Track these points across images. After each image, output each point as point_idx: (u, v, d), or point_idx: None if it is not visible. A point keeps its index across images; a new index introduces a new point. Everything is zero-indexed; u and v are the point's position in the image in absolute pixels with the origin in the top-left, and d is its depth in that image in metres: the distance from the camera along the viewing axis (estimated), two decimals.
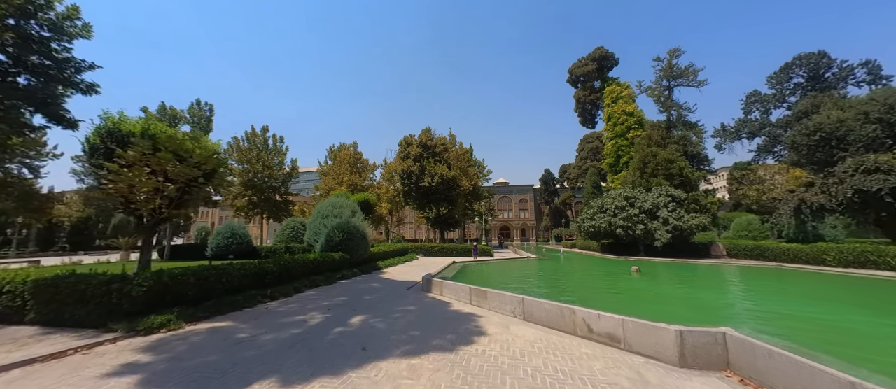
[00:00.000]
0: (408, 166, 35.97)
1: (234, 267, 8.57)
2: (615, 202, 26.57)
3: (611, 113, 40.72)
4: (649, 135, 29.78)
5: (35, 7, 12.44)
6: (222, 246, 24.99)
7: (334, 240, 14.78)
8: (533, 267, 20.66)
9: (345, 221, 15.54)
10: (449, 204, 35.58)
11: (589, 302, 10.32)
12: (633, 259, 24.55)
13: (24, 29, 12.48)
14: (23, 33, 12.48)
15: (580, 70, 45.57)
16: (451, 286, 10.23)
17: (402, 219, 64.34)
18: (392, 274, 15.44)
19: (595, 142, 72.97)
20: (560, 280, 14.91)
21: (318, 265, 12.47)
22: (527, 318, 7.60)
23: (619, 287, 12.86)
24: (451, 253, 28.25)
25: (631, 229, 25.13)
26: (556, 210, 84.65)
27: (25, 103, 12.32)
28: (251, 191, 36.35)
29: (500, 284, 13.81)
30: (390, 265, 18.94)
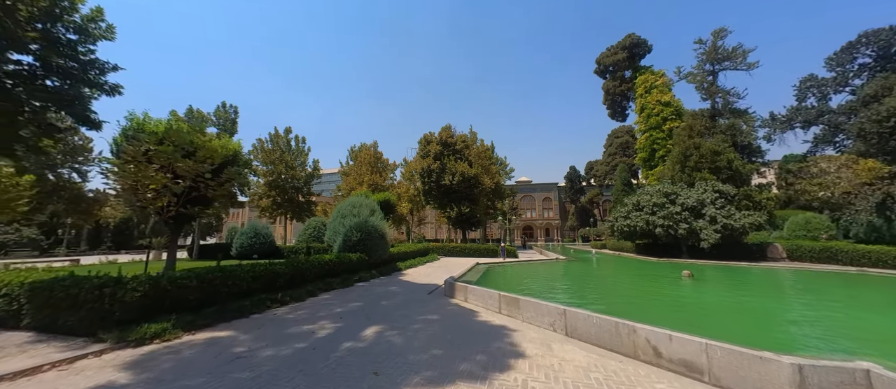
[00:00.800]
0: (428, 164, 35.15)
1: (242, 270, 7.91)
2: (653, 199, 24.32)
3: (644, 103, 37.88)
4: (690, 125, 27.09)
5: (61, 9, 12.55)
6: (246, 245, 25.27)
7: (352, 240, 14.08)
8: (563, 269, 19.09)
9: (363, 220, 14.82)
10: (470, 203, 34.41)
11: (639, 313, 8.87)
12: (676, 261, 22.29)
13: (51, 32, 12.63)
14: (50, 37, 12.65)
15: (609, 59, 42.86)
16: (477, 292, 9.11)
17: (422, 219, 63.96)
18: (412, 277, 14.54)
19: (625, 136, 69.04)
20: (598, 285, 13.36)
21: (335, 267, 11.75)
22: (570, 334, 6.35)
23: (672, 295, 11.19)
24: (473, 253, 27.09)
25: (672, 228, 22.84)
26: (582, 209, 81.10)
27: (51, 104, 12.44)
28: (275, 192, 36.92)
29: (530, 289, 12.52)
30: (411, 266, 18.09)
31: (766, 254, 22.30)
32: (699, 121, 26.72)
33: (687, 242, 22.90)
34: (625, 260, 24.60)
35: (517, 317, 7.63)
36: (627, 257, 27.93)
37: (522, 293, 11.04)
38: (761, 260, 22.08)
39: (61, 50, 13.19)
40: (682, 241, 23.43)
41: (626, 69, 43.01)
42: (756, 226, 21.61)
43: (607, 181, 71.10)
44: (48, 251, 37.76)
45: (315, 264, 10.66)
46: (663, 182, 27.11)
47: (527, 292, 11.52)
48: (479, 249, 27.27)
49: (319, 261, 10.95)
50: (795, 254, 20.95)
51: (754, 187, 23.56)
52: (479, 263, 18.10)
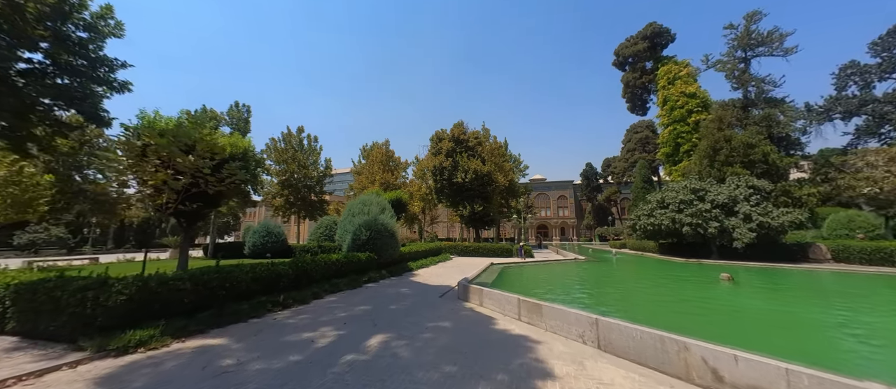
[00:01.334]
0: (440, 162, 34.46)
1: (242, 270, 7.40)
2: (680, 195, 22.80)
3: (667, 96, 35.92)
4: (720, 116, 25.27)
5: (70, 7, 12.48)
6: (258, 244, 25.26)
7: (361, 239, 13.52)
8: (584, 270, 18.00)
9: (372, 218, 14.24)
10: (483, 201, 33.51)
11: (680, 323, 7.87)
12: (706, 263, 20.80)
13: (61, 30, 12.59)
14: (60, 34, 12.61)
15: (629, 50, 40.94)
16: (493, 295, 8.32)
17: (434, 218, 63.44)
18: (424, 277, 13.86)
19: (644, 131, 66.42)
20: (626, 289, 12.30)
21: (342, 267, 11.19)
22: (604, 348, 5.49)
23: (713, 302, 10.04)
24: (487, 253, 26.22)
25: (701, 227, 21.31)
26: (599, 207, 78.75)
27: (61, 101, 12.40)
28: (288, 191, 37.06)
29: (551, 293, 11.62)
30: (422, 266, 17.43)
31: (807, 255, 20.49)
32: (729, 112, 24.87)
33: (718, 242, 21.32)
34: (649, 261, 23.20)
35: (540, 326, 6.81)
36: (650, 257, 26.42)
37: (543, 297, 10.17)
38: (802, 261, 20.31)
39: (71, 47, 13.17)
40: (712, 241, 21.85)
41: (647, 60, 40.96)
42: (796, 225, 19.86)
43: (626, 178, 68.61)
44: (75, 249, 39.22)
45: (321, 264, 10.12)
46: (690, 178, 25.46)
47: (548, 296, 10.64)
48: (493, 249, 26.38)
49: (326, 261, 10.40)
50: (842, 255, 19.13)
51: (793, 182, 21.67)
52: (494, 263, 17.27)
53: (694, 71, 35.30)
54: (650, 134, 66.73)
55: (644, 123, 68.86)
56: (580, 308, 6.75)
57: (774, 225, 19.42)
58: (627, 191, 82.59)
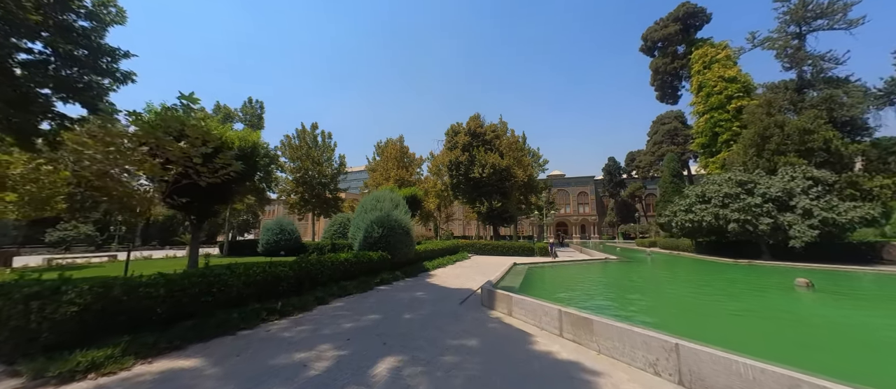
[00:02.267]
0: (456, 157, 33.15)
1: (233, 274, 6.37)
2: (724, 188, 20.50)
3: (702, 81, 33.00)
4: (769, 100, 22.56)
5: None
6: (271, 241, 24.83)
7: (372, 237, 12.42)
8: (620, 272, 16.25)
9: (384, 215, 13.12)
10: (502, 197, 31.95)
11: (788, 352, 6.18)
12: (759, 264, 18.54)
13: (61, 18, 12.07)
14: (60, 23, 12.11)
15: (658, 33, 38.03)
16: (526, 304, 6.95)
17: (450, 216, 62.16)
18: (441, 279, 12.62)
19: (672, 122, 62.48)
20: (678, 296, 10.54)
21: (352, 267, 10.09)
22: (690, 386, 4.03)
23: (812, 317, 8.13)
24: (507, 251, 24.73)
25: (750, 224, 19.01)
26: (622, 203, 75.27)
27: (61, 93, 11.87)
28: (302, 188, 36.77)
29: (589, 299, 10.09)
30: (439, 266, 16.21)
31: (880, 256, 17.90)
32: (780, 94, 22.15)
33: (771, 240, 18.98)
34: (689, 262, 21.01)
35: (590, 346, 5.39)
36: (687, 257, 24.13)
37: (583, 306, 8.70)
38: (872, 262, 17.74)
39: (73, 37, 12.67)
40: (763, 239, 19.49)
41: (679, 44, 37.90)
42: (867, 221, 17.29)
43: (652, 173, 64.85)
44: (102, 246, 40.53)
45: (327, 265, 9.03)
46: (733, 169, 22.98)
47: (589, 305, 9.14)
48: (514, 247, 24.86)
49: (333, 262, 9.31)
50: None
51: (861, 173, 18.93)
52: (517, 263, 15.85)
53: (733, 53, 32.22)
54: (679, 125, 62.70)
55: (672, 114, 64.81)
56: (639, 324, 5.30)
57: (841, 222, 16.95)
58: (653, 187, 78.36)
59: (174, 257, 25.12)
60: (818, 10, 20.86)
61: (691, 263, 20.24)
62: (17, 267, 17.82)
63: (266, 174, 29.65)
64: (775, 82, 23.14)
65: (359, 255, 10.74)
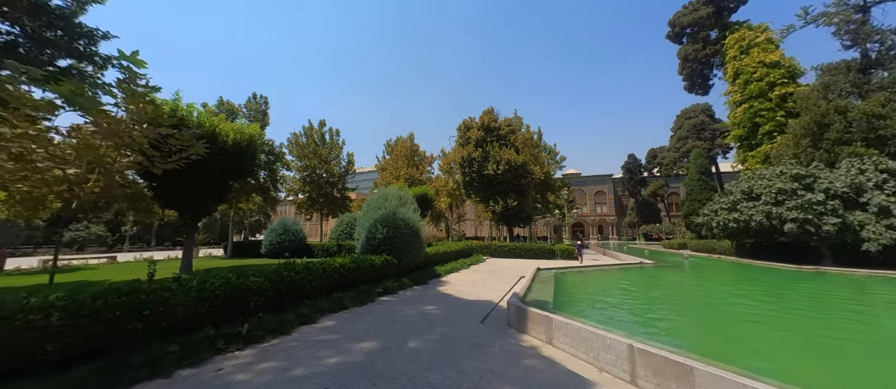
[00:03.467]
0: (468, 153, 31.27)
1: (181, 287, 4.76)
2: (777, 183, 17.94)
3: (740, 67, 30.04)
4: (827, 83, 19.78)
5: None
6: (275, 243, 23.61)
7: (376, 239, 10.76)
8: (665, 281, 14.06)
9: (390, 213, 11.44)
10: (518, 195, 29.92)
11: None
12: (826, 270, 15.96)
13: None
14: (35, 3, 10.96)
15: (688, 18, 35.12)
16: (573, 331, 5.07)
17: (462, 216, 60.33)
18: (455, 287, 10.83)
19: (698, 116, 58.87)
20: (764, 316, 8.28)
21: (349, 275, 8.43)
22: None
23: None
24: (526, 254, 22.73)
25: (811, 224, 16.43)
26: (643, 203, 71.68)
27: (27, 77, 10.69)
28: (310, 187, 35.66)
29: (648, 319, 8.06)
30: (452, 270, 14.43)
31: None
32: (841, 76, 19.38)
33: (837, 242, 16.36)
34: (737, 268, 18.44)
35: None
36: (728, 261, 21.51)
37: (652, 333, 6.72)
38: None
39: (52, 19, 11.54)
40: (824, 241, 16.85)
41: (711, 28, 34.88)
42: None
43: (676, 170, 61.27)
44: (113, 247, 40.57)
45: (317, 273, 7.38)
46: (783, 162, 20.30)
47: (657, 331, 7.13)
48: (533, 249, 22.84)
49: (325, 269, 7.66)
50: None
51: None
52: (541, 268, 13.91)
53: (773, 36, 29.15)
54: (706, 118, 59.01)
55: (698, 107, 61.08)
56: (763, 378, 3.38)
57: None
58: (676, 186, 74.51)
59: (177, 258, 24.24)
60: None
61: (741, 269, 17.70)
62: (10, 268, 17.08)
63: (271, 172, 28.62)
64: (833, 63, 20.34)
65: (358, 260, 9.06)
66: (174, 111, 13.38)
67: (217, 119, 14.96)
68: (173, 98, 13.73)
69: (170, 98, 13.68)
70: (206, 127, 14.09)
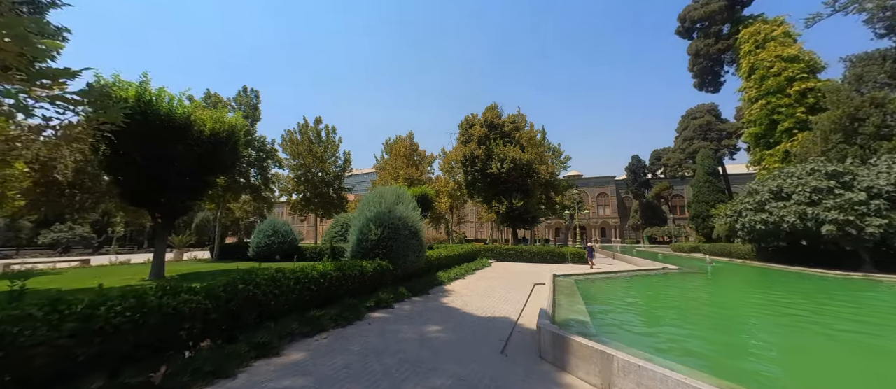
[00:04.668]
0: (471, 150, 29.70)
1: (46, 317, 3.05)
2: (812, 182, 16.36)
3: (755, 62, 28.59)
4: (859, 74, 18.33)
5: None
6: (263, 245, 21.85)
7: (368, 241, 9.09)
8: (702, 291, 12.40)
9: (385, 211, 9.77)
10: (523, 195, 28.28)
11: None
12: (881, 279, 14.31)
13: None
14: None
15: (698, 12, 33.71)
16: (653, 378, 3.39)
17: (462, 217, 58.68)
18: (462, 297, 9.16)
19: (704, 116, 57.61)
20: (866, 347, 6.51)
21: (330, 286, 6.76)
22: None
23: None
24: (534, 257, 21.08)
25: (853, 225, 14.83)
26: (647, 205, 70.18)
27: None
28: (304, 187, 33.98)
29: (726, 347, 6.37)
30: (456, 277, 12.76)
31: None
32: (875, 67, 17.94)
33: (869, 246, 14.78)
34: (770, 274, 16.73)
35: None
36: (753, 266, 19.85)
37: (748, 370, 5.00)
38: None
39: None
40: (862, 244, 15.24)
41: (724, 22, 33.49)
42: None
43: (682, 171, 59.78)
44: (99, 249, 38.72)
45: (286, 285, 5.67)
46: (811, 159, 18.74)
47: (753, 367, 5.43)
48: (542, 252, 21.18)
49: (298, 279, 5.97)
50: None
51: None
52: (557, 274, 12.27)
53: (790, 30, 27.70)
54: (712, 119, 57.73)
55: (704, 107, 59.85)
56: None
57: None
58: (680, 187, 73.13)
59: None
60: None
61: (776, 276, 15.92)
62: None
63: (262, 170, 26.93)
64: (866, 53, 18.93)
65: (345, 267, 7.38)
66: (140, 96, 11.81)
67: (191, 105, 13.32)
68: (140, 81, 12.14)
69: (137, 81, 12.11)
70: (179, 114, 12.46)
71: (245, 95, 27.50)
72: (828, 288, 12.58)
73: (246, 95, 27.53)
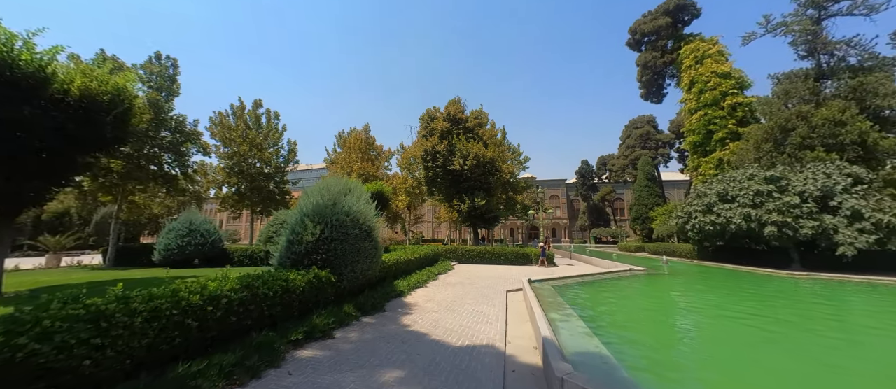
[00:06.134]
0: (432, 145, 27.86)
1: None
2: (754, 186, 17.39)
3: (695, 76, 31.09)
4: (787, 90, 20.28)
5: None
6: (175, 247, 17.53)
7: (302, 243, 6.72)
8: (687, 294, 11.97)
9: (327, 204, 7.45)
10: (486, 194, 27.21)
11: None
12: (812, 277, 15.33)
13: None
14: None
15: (648, 25, 36.00)
16: None
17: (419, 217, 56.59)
18: (427, 316, 7.24)
19: (645, 126, 62.84)
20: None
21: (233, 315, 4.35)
22: None
23: None
24: (498, 259, 19.91)
25: (790, 227, 15.92)
26: (593, 207, 74.75)
27: None
28: (237, 179, 29.18)
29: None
30: (417, 285, 10.78)
31: None
32: (799, 83, 19.98)
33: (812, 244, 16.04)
34: (724, 274, 17.40)
35: None
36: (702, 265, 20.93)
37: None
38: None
39: None
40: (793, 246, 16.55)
41: (669, 38, 36.24)
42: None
43: (625, 177, 64.59)
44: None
45: (121, 331, 3.20)
46: (746, 166, 20.24)
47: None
48: (505, 253, 20.10)
49: (155, 309, 3.51)
50: None
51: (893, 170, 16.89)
52: (532, 279, 10.95)
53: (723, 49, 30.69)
54: (651, 129, 63.21)
55: (644, 118, 65.35)
56: None
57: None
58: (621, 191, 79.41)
59: (35, 268, 17.11)
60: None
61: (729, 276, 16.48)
62: None
63: (179, 155, 22.05)
64: (793, 71, 21.19)
65: (258, 283, 5.00)
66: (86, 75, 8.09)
67: (50, 50, 9.49)
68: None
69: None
70: (26, 62, 8.70)
71: (157, 63, 22.30)
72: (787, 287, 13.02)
73: (159, 63, 22.35)
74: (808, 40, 20.58)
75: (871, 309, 10.17)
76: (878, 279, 13.80)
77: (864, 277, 14.15)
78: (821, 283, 14.16)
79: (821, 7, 20.86)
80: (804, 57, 21.34)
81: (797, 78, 20.87)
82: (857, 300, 11.36)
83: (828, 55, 20.65)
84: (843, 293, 12.23)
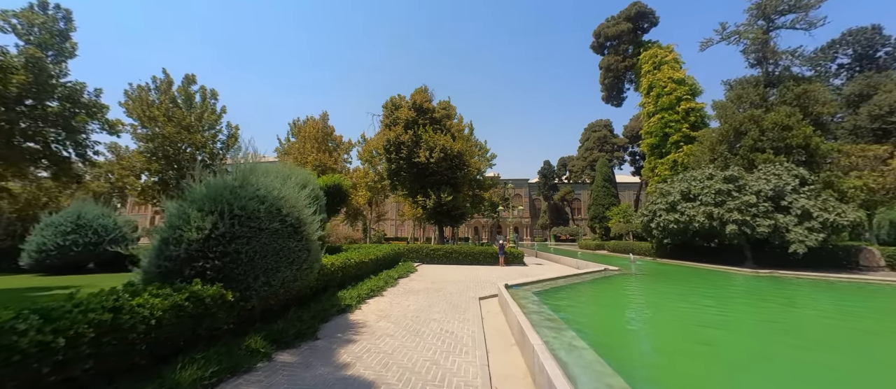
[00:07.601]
0: (396, 135, 25.57)
1: None
2: (715, 185, 17.65)
3: (653, 81, 32.28)
4: (740, 95, 21.28)
5: None
6: (54, 248, 13.50)
7: (181, 243, 4.37)
8: (688, 299, 11.03)
9: (233, 185, 5.15)
10: (453, 190, 25.58)
11: None
12: (767, 274, 15.62)
13: None
14: None
15: (611, 30, 36.88)
16: None
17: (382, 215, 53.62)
18: (379, 347, 5.27)
19: (602, 130, 65.61)
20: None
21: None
22: None
23: None
24: (465, 259, 18.35)
25: (748, 225, 16.26)
26: (554, 206, 76.97)
27: None
28: (159, 165, 24.48)
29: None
30: (371, 293, 8.70)
31: (857, 262, 16.73)
32: (751, 89, 21.06)
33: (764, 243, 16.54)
34: (691, 273, 17.38)
35: None
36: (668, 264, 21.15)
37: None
38: (849, 269, 16.46)
39: None
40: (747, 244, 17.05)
41: (630, 44, 37.49)
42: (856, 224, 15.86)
43: (584, 177, 67.07)
44: None
45: None
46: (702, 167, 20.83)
47: None
48: (473, 252, 18.60)
49: None
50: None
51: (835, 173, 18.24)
52: (509, 284, 9.43)
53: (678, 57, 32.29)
54: (607, 133, 66.20)
55: (601, 122, 68.28)
56: None
57: (842, 224, 15.03)
58: (579, 192, 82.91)
59: None
60: (788, 4, 20.57)
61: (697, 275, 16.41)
62: None
63: (70, 131, 17.35)
64: (744, 77, 22.51)
65: (59, 317, 2.70)
66: None
67: None
68: None
69: None
70: None
71: (41, 12, 17.41)
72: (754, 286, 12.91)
73: (44, 13, 17.47)
74: (757, 49, 21.79)
75: None
76: (807, 275, 14.40)
77: (804, 273, 14.73)
78: (806, 282, 14.07)
79: (769, 19, 22.19)
80: (754, 65, 22.67)
81: (748, 84, 22.02)
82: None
83: (774, 64, 22.02)
84: (863, 297, 11.31)
